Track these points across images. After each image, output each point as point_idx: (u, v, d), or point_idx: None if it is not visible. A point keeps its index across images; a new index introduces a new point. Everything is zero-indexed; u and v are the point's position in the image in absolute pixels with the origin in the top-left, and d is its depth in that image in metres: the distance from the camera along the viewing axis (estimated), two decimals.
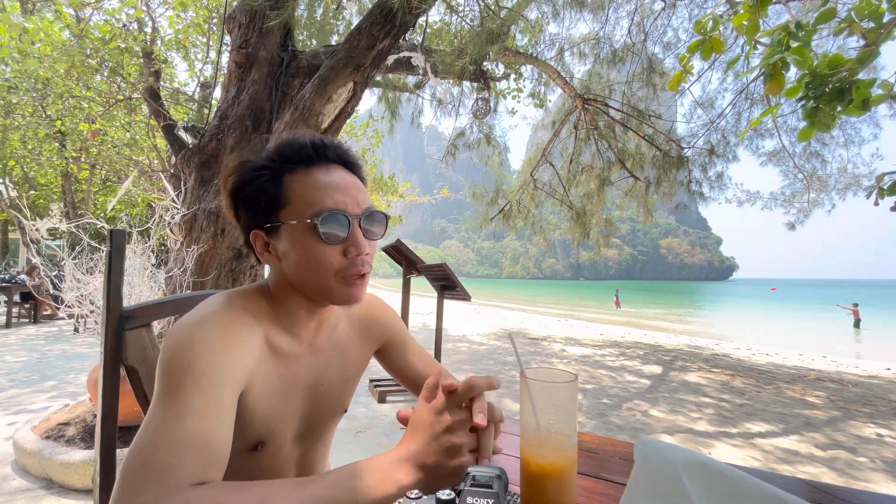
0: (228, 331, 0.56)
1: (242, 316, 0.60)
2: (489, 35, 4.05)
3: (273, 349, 0.63)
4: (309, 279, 0.62)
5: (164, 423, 0.47)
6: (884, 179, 2.41)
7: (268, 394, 0.62)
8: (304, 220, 0.59)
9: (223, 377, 0.52)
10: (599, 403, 4.10)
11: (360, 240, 0.61)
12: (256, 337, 0.60)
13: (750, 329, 15.73)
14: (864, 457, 3.01)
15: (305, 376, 0.68)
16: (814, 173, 5.84)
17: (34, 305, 7.91)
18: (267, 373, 0.62)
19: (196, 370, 0.50)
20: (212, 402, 0.50)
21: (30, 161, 9.69)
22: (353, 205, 0.61)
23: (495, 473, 0.56)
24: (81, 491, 2.12)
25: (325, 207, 0.59)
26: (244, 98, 3.16)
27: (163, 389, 0.50)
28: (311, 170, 0.61)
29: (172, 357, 0.51)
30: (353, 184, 0.63)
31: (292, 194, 0.60)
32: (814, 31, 1.75)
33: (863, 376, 6.03)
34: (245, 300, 0.63)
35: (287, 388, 0.65)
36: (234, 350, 0.55)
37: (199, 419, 0.48)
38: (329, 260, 0.60)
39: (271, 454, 0.67)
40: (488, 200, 7.26)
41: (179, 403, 0.48)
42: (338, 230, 0.59)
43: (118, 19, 5.56)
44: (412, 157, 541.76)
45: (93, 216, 3.39)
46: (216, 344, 0.53)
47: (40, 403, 3.40)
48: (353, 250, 0.60)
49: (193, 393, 0.49)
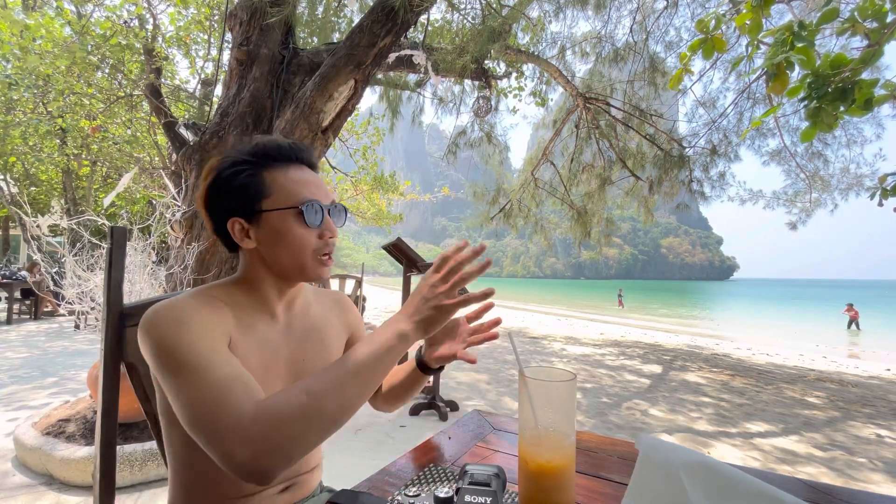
0: (194, 307, 0.63)
1: (208, 297, 0.67)
2: (491, 33, 4.04)
3: (246, 326, 0.69)
4: (288, 258, 0.71)
5: (196, 384, 0.54)
6: (887, 180, 2.40)
7: (249, 365, 0.66)
8: (290, 208, 0.69)
9: (209, 338, 0.60)
10: (599, 402, 4.10)
11: (332, 225, 0.73)
12: (225, 314, 0.67)
13: (749, 329, 15.71)
14: (863, 457, 3.00)
15: (284, 351, 0.74)
16: (816, 173, 5.83)
17: (35, 302, 7.93)
18: (244, 344, 0.67)
19: (183, 344, 0.57)
20: (215, 354, 0.58)
21: (31, 157, 9.70)
22: (324, 197, 0.73)
23: (493, 472, 0.56)
24: (82, 487, 2.12)
25: (307, 198, 0.70)
26: (245, 96, 3.15)
27: (171, 369, 0.56)
28: (288, 167, 0.72)
29: (158, 343, 0.58)
30: (320, 181, 0.76)
31: (275, 187, 0.70)
32: (817, 31, 1.74)
33: (863, 377, 6.02)
34: (213, 289, 0.71)
35: (267, 363, 0.70)
36: (206, 318, 0.62)
37: (217, 369, 0.56)
38: (308, 241, 0.71)
39: None
40: (489, 199, 7.26)
41: (192, 368, 0.55)
42: (314, 217, 0.71)
43: (119, 16, 5.56)
44: (413, 155, 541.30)
45: (93, 213, 3.39)
46: (187, 318, 0.60)
47: (41, 400, 3.40)
48: (328, 233, 0.73)
49: (196, 358, 0.56)
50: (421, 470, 0.72)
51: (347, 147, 8.18)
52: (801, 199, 6.05)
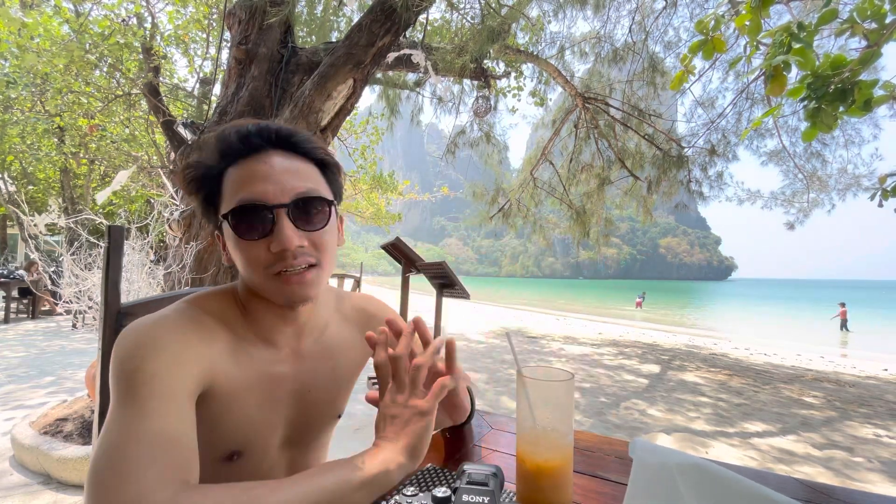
0: (177, 331, 0.53)
1: (200, 317, 0.57)
2: (490, 33, 4.04)
3: (243, 356, 0.60)
4: (246, 278, 0.59)
5: (126, 426, 0.45)
6: (887, 181, 2.41)
7: (239, 403, 0.59)
8: (227, 214, 0.56)
9: (174, 378, 0.49)
10: (597, 402, 4.11)
11: (284, 233, 0.54)
12: (217, 340, 0.57)
13: (747, 329, 15.75)
14: (860, 457, 3.01)
15: (289, 385, 0.64)
16: (814, 173, 5.84)
17: (32, 301, 7.90)
18: (235, 381, 0.58)
19: (145, 372, 0.48)
20: (169, 401, 0.48)
21: (28, 156, 9.67)
22: (277, 193, 0.55)
23: (491, 471, 0.56)
24: (79, 486, 2.12)
25: (240, 200, 0.55)
26: (244, 94, 3.15)
27: (118, 396, 0.48)
28: (246, 161, 0.57)
29: (122, 361, 0.49)
30: (285, 168, 0.57)
31: (224, 189, 0.58)
32: (815, 32, 1.75)
33: (860, 377, 6.04)
34: (209, 302, 0.60)
35: (265, 398, 0.62)
36: (184, 351, 0.52)
37: (162, 419, 0.46)
38: (255, 256, 0.55)
39: (254, 462, 0.65)
40: (488, 199, 7.26)
41: (137, 406, 0.46)
42: (258, 222, 0.55)
43: (118, 14, 5.54)
44: (412, 154, 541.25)
45: (91, 212, 3.38)
46: (163, 345, 0.51)
47: (38, 399, 3.40)
48: (276, 245, 0.54)
49: (147, 395, 0.47)
50: (418, 470, 0.72)
51: (346, 146, 8.18)
52: (798, 199, 6.07)
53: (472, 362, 5.69)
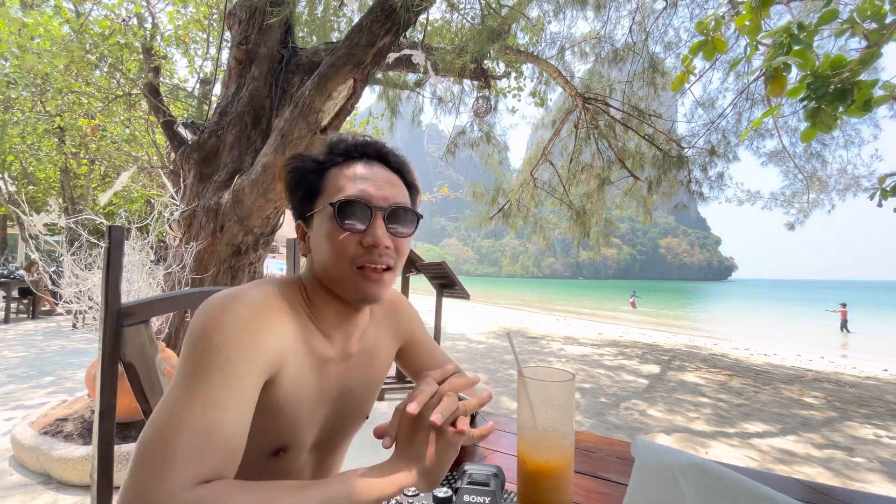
0: (261, 311, 0.55)
1: (278, 301, 0.59)
2: (490, 33, 4.04)
3: (308, 347, 0.62)
4: (328, 268, 0.62)
5: (185, 407, 0.46)
6: (886, 181, 2.40)
7: (297, 396, 0.60)
8: (327, 206, 0.61)
9: (248, 363, 0.51)
10: (597, 402, 4.11)
11: (378, 231, 0.60)
12: (290, 325, 0.59)
13: (747, 329, 15.74)
14: (860, 457, 3.01)
15: (334, 384, 0.67)
16: (814, 174, 5.84)
17: (33, 301, 7.90)
18: (299, 371, 0.60)
19: (222, 356, 0.49)
20: (235, 392, 0.49)
21: (29, 156, 9.68)
22: (379, 198, 0.61)
23: (492, 472, 0.56)
24: (79, 486, 2.12)
25: (348, 194, 0.60)
26: (244, 95, 3.15)
27: (188, 369, 0.49)
28: (351, 163, 0.64)
29: (199, 335, 0.51)
30: (386, 178, 0.64)
31: (327, 184, 0.63)
32: (815, 32, 1.75)
33: (860, 377, 6.04)
34: (283, 288, 0.63)
35: (317, 393, 0.64)
36: (265, 333, 0.54)
37: (221, 412, 0.47)
38: (345, 246, 0.60)
39: (291, 461, 0.66)
40: (488, 199, 7.25)
41: (203, 391, 0.47)
42: (358, 218, 0.60)
43: (118, 14, 5.54)
44: (412, 154, 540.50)
45: (91, 212, 3.38)
46: (247, 325, 0.52)
47: (38, 399, 3.40)
48: (369, 239, 0.60)
49: (218, 382, 0.48)
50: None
51: None
52: (798, 199, 6.07)
53: (473, 363, 5.69)
